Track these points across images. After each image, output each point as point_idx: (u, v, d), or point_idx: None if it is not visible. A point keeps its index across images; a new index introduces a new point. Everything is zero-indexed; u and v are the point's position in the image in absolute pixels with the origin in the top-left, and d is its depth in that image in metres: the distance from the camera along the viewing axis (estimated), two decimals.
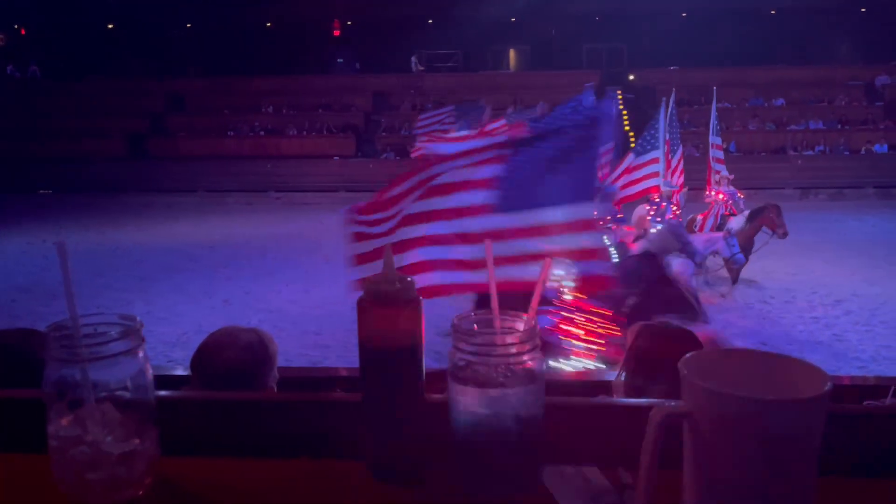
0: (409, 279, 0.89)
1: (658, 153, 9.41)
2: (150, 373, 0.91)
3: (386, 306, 0.87)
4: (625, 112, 24.89)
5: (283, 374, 2.52)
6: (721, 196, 11.82)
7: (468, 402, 0.86)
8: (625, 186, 9.25)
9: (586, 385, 2.96)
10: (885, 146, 21.09)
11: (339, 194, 21.14)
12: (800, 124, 22.42)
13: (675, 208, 9.70)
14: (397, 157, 23.14)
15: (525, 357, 0.86)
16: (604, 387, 2.73)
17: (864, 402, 2.93)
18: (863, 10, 25.37)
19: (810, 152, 21.37)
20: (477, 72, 27.03)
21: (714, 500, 0.64)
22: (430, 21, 27.38)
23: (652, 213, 9.33)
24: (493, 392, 0.85)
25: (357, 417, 0.93)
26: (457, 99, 25.07)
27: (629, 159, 9.51)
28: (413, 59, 28.45)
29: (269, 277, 11.95)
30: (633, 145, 10.09)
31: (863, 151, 21.34)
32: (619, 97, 24.78)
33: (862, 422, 1.03)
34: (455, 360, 0.87)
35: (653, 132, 9.42)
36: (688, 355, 0.67)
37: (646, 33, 25.08)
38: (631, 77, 25.33)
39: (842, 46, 26.81)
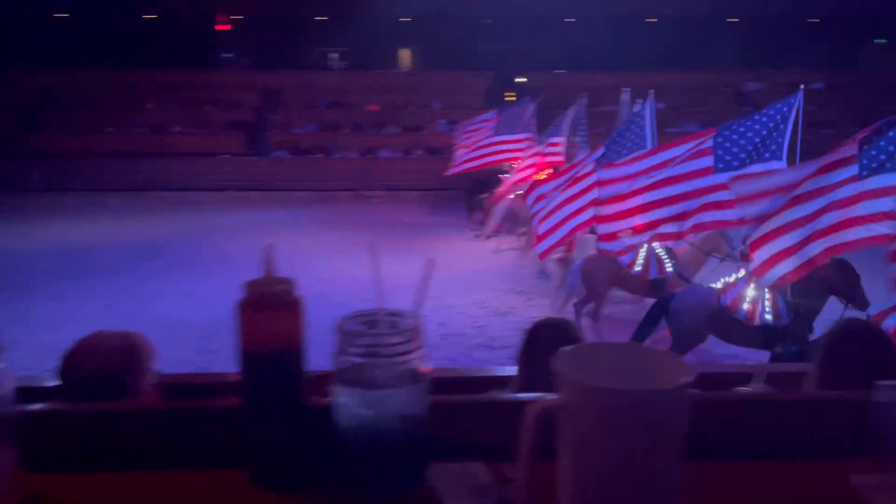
0: (290, 280, 0.88)
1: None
2: (9, 385, 0.85)
3: (266, 309, 0.85)
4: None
5: (166, 381, 2.41)
6: None
7: (353, 403, 0.85)
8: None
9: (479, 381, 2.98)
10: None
11: (228, 193, 20.49)
12: (677, 126, 23.69)
13: None
14: (290, 156, 22.67)
15: (410, 356, 0.87)
16: (497, 382, 2.77)
17: (734, 389, 3.14)
18: (732, 20, 27.13)
19: None
20: (370, 71, 26.91)
21: (587, 489, 0.67)
22: (323, 18, 27.01)
23: None
24: (378, 393, 0.85)
25: (238, 424, 0.90)
26: (347, 97, 24.92)
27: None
28: (332, 56, 28.10)
29: (155, 280, 11.42)
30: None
31: None
32: (513, 97, 25.32)
33: (732, 408, 1.09)
34: (339, 361, 0.86)
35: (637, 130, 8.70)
36: (562, 349, 0.70)
37: (535, 37, 25.77)
38: (522, 80, 25.94)
39: (714, 54, 28.54)
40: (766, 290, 6.20)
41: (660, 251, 8.44)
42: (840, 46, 27.74)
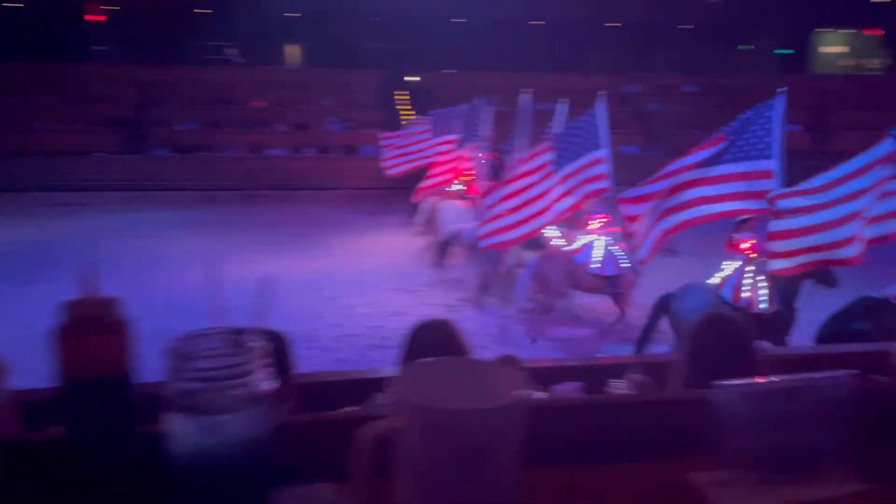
0: (112, 301, 0.81)
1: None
2: None
3: (86, 333, 0.78)
4: (411, 112, 25.44)
5: (28, 399, 2.22)
6: None
7: (189, 432, 0.80)
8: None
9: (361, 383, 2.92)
10: (633, 148, 23.63)
11: (105, 194, 19.35)
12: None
13: None
14: (172, 154, 21.69)
15: (252, 377, 0.82)
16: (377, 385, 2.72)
17: (609, 381, 3.25)
18: (613, 25, 28.34)
19: None
20: (255, 67, 26.19)
21: None
22: (206, 11, 26.01)
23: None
24: (216, 419, 0.80)
25: (62, 455, 0.83)
26: (232, 93, 24.13)
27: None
28: (231, 51, 27.02)
29: (23, 289, 10.64)
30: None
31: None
32: (406, 97, 25.29)
33: (574, 412, 1.12)
34: (173, 386, 0.81)
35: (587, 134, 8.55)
36: (404, 368, 0.68)
37: (425, 36, 25.91)
38: (413, 78, 26.00)
39: (596, 57, 29.71)
40: (761, 277, 6.60)
41: (614, 248, 8.59)
42: (712, 52, 29.53)
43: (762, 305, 6.56)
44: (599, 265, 8.53)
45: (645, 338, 7.25)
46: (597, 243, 8.63)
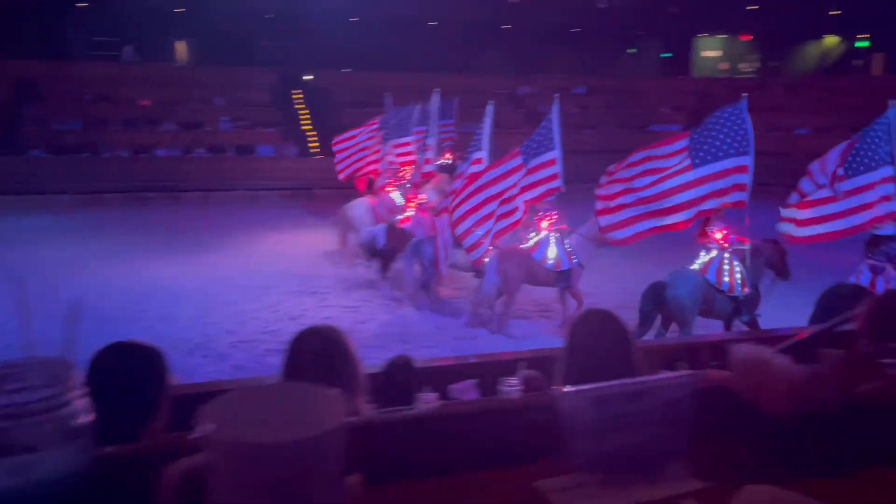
0: None
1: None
2: None
3: None
4: (303, 112, 24.98)
5: None
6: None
7: None
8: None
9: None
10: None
11: None
12: (459, 127, 24.74)
13: None
14: (50, 155, 20.39)
15: (63, 410, 0.76)
16: None
17: (500, 380, 3.29)
18: (505, 27, 28.87)
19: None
20: (141, 63, 25.01)
21: None
22: (83, 4, 24.59)
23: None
24: (20, 459, 0.74)
25: None
26: (116, 91, 22.94)
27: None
28: (127, 48, 25.51)
29: None
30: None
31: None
32: (297, 97, 24.80)
33: (415, 425, 1.11)
34: None
35: (546, 133, 8.84)
36: (210, 404, 0.64)
37: (319, 34, 25.50)
38: (307, 77, 25.57)
39: (489, 58, 30.19)
40: (737, 263, 7.42)
41: (566, 244, 8.96)
42: (600, 55, 30.62)
43: (740, 287, 7.38)
44: (554, 261, 8.93)
45: (642, 325, 7.65)
46: (550, 240, 9.03)
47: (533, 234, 9.29)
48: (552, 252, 8.96)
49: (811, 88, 26.79)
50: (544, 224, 9.18)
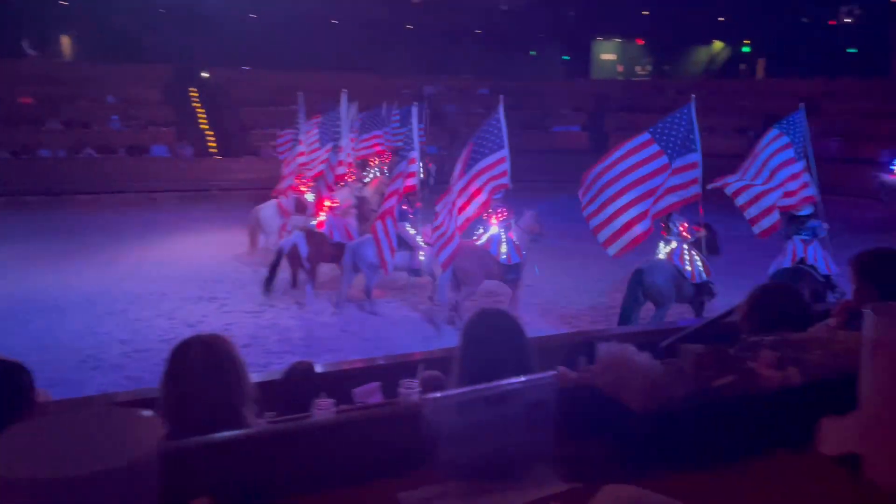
0: None
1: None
2: None
3: None
4: (200, 110, 24.15)
5: None
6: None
7: None
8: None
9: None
10: (433, 147, 24.29)
11: None
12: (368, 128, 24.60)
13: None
14: None
15: None
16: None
17: (402, 381, 3.26)
18: (409, 26, 28.88)
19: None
20: (21, 58, 23.48)
21: None
22: None
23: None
24: None
25: None
26: None
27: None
28: (25, 41, 23.71)
29: None
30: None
31: None
32: (194, 95, 23.96)
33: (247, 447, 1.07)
34: None
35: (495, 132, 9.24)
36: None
37: (215, 31, 24.68)
38: (204, 75, 24.72)
39: (394, 58, 30.12)
40: (696, 253, 8.13)
41: (514, 238, 9.39)
42: (502, 56, 31.10)
43: (702, 274, 8.12)
44: (506, 256, 9.32)
45: (627, 310, 8.25)
46: (501, 236, 9.46)
47: (480, 229, 9.74)
48: (504, 247, 9.35)
49: (700, 91, 28.17)
50: (494, 220, 9.56)
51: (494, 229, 9.55)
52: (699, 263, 8.18)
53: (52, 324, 9.25)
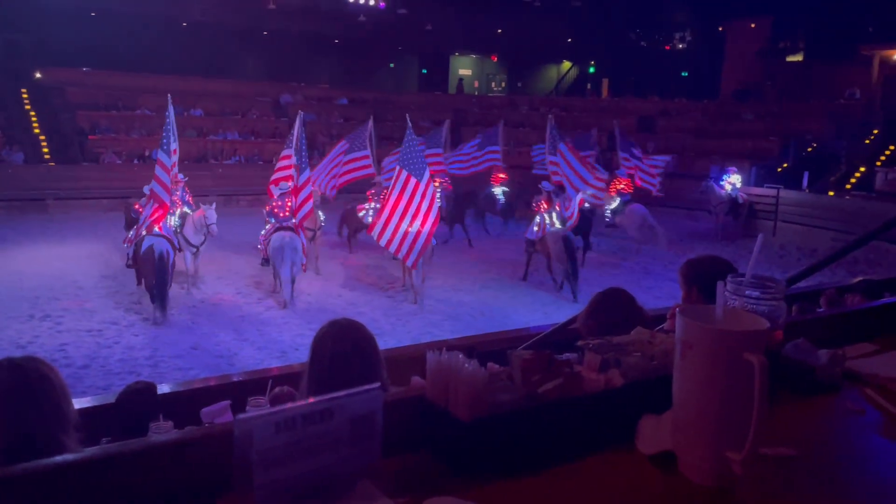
0: None
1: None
2: None
3: None
4: (33, 113, 22.29)
5: None
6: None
7: None
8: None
9: None
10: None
11: None
12: (218, 134, 23.63)
13: None
14: None
15: None
16: None
17: (250, 399, 3.12)
18: (265, 33, 28.18)
19: (229, 161, 22.77)
20: None
21: None
22: None
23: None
24: None
25: None
26: None
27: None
28: None
29: None
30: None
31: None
32: (25, 97, 22.09)
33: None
34: None
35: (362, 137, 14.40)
36: None
37: (50, 29, 22.85)
38: (37, 75, 22.78)
39: (250, 63, 29.27)
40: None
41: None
42: (360, 67, 31.08)
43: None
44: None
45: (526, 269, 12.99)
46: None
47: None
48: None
49: (551, 108, 29.55)
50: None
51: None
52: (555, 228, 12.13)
53: None
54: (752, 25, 27.64)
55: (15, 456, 1.89)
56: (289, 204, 11.30)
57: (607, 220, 15.81)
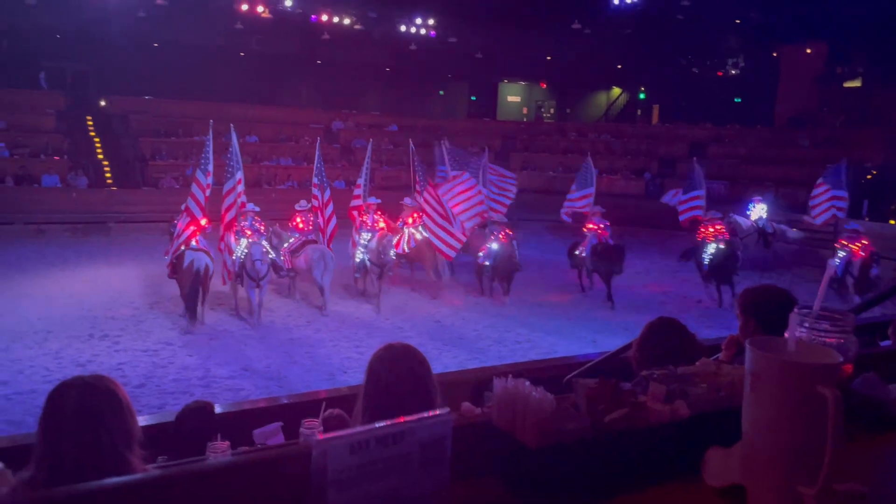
0: None
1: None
2: None
3: None
4: (97, 140, 23.14)
5: None
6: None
7: None
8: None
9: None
10: (342, 182, 24.21)
11: None
12: (271, 160, 24.18)
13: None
14: None
15: None
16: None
17: (304, 421, 3.16)
18: (319, 62, 28.83)
19: (282, 186, 23.24)
20: None
21: None
22: None
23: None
24: None
25: None
26: None
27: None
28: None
29: None
30: None
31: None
32: (90, 123, 22.99)
33: None
34: None
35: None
36: None
37: (114, 59, 23.80)
38: (102, 103, 23.75)
39: (303, 91, 29.97)
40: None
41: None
42: (410, 95, 31.52)
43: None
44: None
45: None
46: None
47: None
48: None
49: (600, 134, 29.43)
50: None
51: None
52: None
53: None
54: (808, 51, 27.16)
55: (84, 472, 1.95)
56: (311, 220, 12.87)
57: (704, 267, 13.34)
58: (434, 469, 1.07)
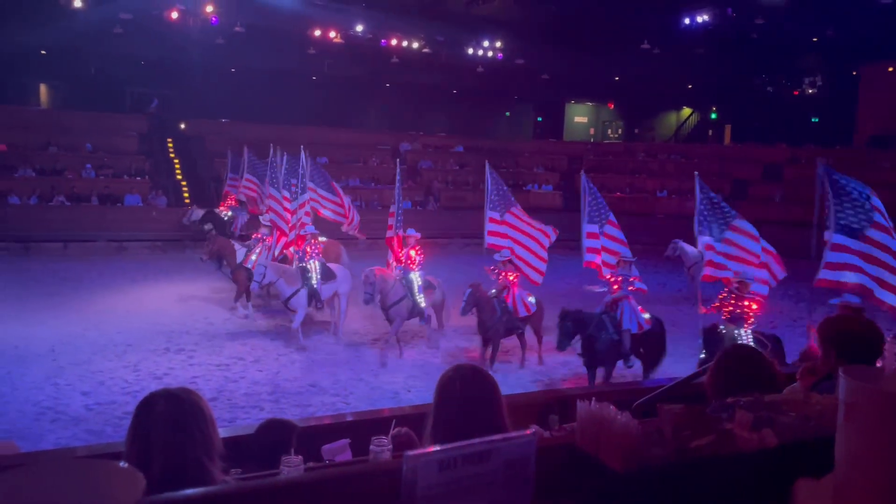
0: None
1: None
2: None
3: None
4: (176, 161, 24.12)
5: None
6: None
7: None
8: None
9: None
10: (408, 203, 24.50)
11: None
12: (340, 181, 24.69)
13: None
14: None
15: None
16: None
17: (373, 438, 3.20)
18: (387, 85, 29.37)
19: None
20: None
21: None
22: None
23: None
24: None
25: None
26: None
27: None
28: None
29: None
30: None
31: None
32: (170, 145, 23.95)
33: None
34: None
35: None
36: None
37: (194, 83, 24.85)
38: (181, 125, 24.78)
39: (372, 113, 30.56)
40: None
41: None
42: (476, 116, 31.71)
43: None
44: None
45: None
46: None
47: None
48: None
49: (670, 154, 28.87)
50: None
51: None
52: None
53: (12, 374, 8.99)
54: (890, 69, 26.09)
55: (168, 480, 2.01)
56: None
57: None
58: (517, 489, 1.08)
